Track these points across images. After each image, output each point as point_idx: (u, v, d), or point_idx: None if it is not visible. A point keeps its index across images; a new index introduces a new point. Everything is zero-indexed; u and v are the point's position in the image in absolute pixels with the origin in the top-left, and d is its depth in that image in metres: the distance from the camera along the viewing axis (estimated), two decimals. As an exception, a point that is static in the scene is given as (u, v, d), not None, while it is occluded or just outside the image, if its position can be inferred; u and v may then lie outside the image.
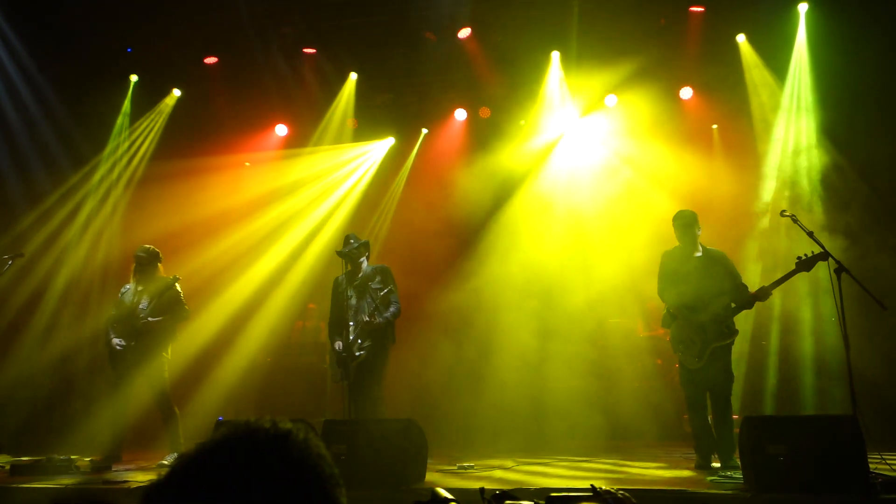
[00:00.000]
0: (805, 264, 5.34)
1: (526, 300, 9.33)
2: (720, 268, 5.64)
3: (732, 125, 9.32)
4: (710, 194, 8.86)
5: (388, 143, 10.74)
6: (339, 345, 6.11)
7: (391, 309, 6.13)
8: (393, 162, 10.81)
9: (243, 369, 9.39)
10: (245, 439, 1.01)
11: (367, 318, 5.96)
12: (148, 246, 6.73)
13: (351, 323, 6.09)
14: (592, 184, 10.16)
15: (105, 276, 9.26)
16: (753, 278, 7.08)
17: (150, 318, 6.38)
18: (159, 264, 6.69)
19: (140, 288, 6.56)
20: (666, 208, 8.22)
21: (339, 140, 10.63)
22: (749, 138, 9.12)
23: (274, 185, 10.63)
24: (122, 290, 6.76)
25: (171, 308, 6.50)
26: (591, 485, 1.58)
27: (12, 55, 8.56)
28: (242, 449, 1.00)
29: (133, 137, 9.76)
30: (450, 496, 1.42)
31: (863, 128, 8.00)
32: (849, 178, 8.21)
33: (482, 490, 1.60)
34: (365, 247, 6.34)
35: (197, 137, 9.86)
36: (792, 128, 8.82)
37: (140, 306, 6.46)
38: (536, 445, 7.43)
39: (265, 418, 1.05)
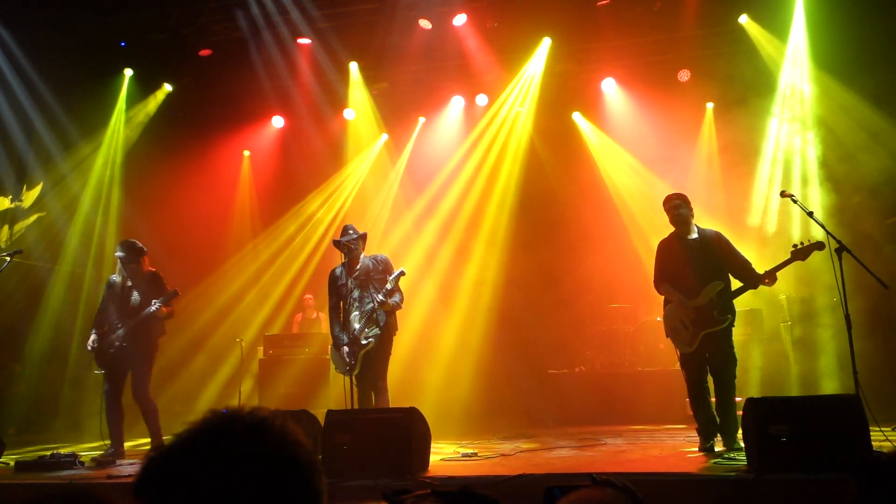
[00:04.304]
0: (801, 253, 5.26)
1: (527, 286, 9.34)
2: (716, 249, 5.55)
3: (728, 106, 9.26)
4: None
5: (381, 139, 10.72)
6: (343, 337, 6.10)
7: (396, 297, 6.12)
8: (389, 152, 10.78)
9: (246, 363, 9.43)
10: (221, 428, 1.01)
11: (382, 299, 5.95)
12: (127, 242, 6.50)
13: (355, 313, 6.07)
14: (590, 170, 10.15)
15: (100, 269, 9.28)
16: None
17: (145, 312, 6.29)
18: (143, 258, 6.49)
19: (129, 284, 6.47)
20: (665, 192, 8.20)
21: (345, 134, 10.64)
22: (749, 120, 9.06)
23: (271, 182, 10.63)
24: (110, 280, 6.63)
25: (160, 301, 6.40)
26: (591, 474, 1.57)
27: (3, 48, 8.48)
28: (219, 438, 1.00)
29: (123, 131, 9.71)
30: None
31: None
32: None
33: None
34: (363, 238, 6.30)
35: (190, 130, 9.83)
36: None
37: (130, 303, 6.40)
38: (538, 430, 7.45)
39: (242, 407, 1.05)
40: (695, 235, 5.63)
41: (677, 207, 5.61)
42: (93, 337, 6.39)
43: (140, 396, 6.37)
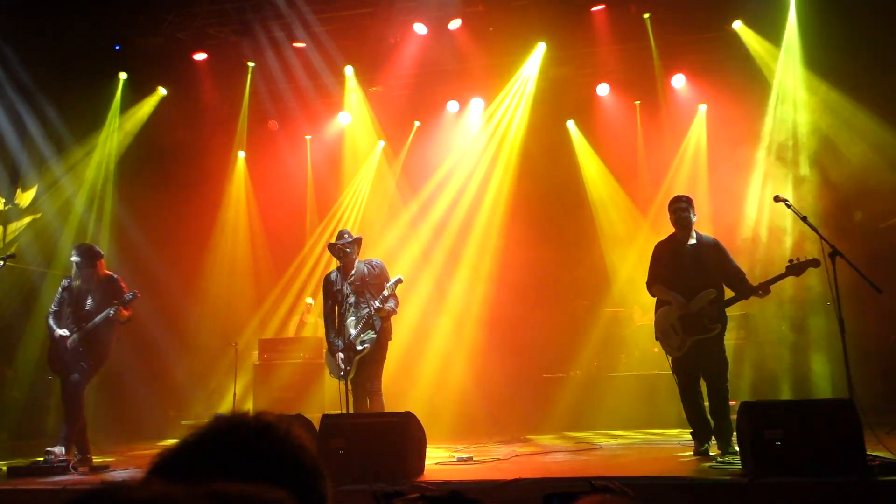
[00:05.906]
0: (795, 269, 5.23)
1: (522, 290, 9.34)
2: (712, 257, 5.54)
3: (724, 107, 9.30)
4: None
5: (379, 147, 10.73)
6: (338, 343, 6.10)
7: (391, 302, 6.13)
8: (385, 156, 10.80)
9: (242, 366, 9.41)
10: (226, 433, 1.00)
11: (379, 305, 5.96)
12: (82, 246, 6.33)
13: (351, 318, 6.07)
14: (584, 174, 10.18)
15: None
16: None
17: (102, 315, 6.05)
18: (99, 262, 6.29)
19: (85, 287, 6.26)
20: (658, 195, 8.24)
21: (341, 138, 10.63)
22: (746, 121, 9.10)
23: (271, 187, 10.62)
24: (65, 283, 6.36)
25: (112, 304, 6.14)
26: (590, 480, 1.58)
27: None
28: (224, 442, 0.99)
29: (117, 135, 9.66)
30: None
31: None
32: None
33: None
34: (357, 243, 6.30)
35: (184, 133, 9.80)
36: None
37: (86, 308, 6.20)
38: (534, 435, 7.44)
39: (248, 412, 1.05)
40: (693, 241, 5.63)
41: (682, 210, 5.60)
42: (60, 332, 6.09)
43: (75, 396, 6.05)
